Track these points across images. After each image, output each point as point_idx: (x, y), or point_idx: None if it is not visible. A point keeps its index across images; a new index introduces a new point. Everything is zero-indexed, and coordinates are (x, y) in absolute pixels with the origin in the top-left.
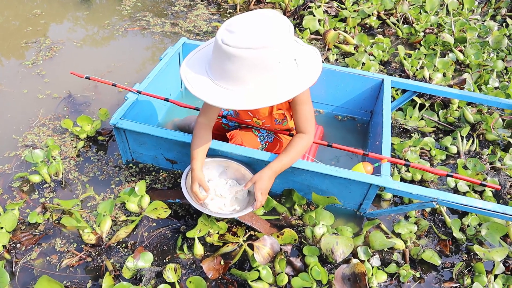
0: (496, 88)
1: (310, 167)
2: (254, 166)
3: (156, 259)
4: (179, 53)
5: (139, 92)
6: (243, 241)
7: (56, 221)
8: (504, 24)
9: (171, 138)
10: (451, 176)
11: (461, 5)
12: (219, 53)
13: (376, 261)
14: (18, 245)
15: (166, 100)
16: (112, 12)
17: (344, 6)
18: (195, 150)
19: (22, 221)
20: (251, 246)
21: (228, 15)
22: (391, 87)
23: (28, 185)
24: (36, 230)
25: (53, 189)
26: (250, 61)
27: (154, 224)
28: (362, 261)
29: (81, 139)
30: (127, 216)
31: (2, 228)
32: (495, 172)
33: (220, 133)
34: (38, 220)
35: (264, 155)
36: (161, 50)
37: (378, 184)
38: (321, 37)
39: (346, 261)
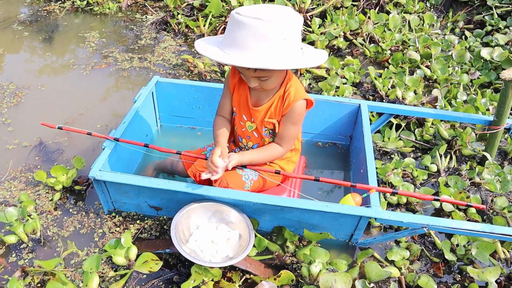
0: (465, 101)
1: (299, 204)
2: (242, 207)
3: None
4: (152, 93)
5: (117, 140)
6: (239, 286)
7: (39, 285)
8: (463, 36)
9: (155, 187)
10: (438, 200)
11: (422, 21)
12: (230, 23)
13: None
14: None
15: (146, 146)
16: (77, 50)
17: (310, 29)
18: (216, 137)
19: None
20: None
21: None
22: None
23: (4, 247)
24: None
25: (31, 248)
26: (256, 30)
27: (145, 276)
28: None
29: (57, 191)
30: (115, 271)
31: None
32: (476, 188)
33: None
34: (18, 287)
35: (253, 197)
36: (132, 87)
37: (369, 216)
38: None
39: None
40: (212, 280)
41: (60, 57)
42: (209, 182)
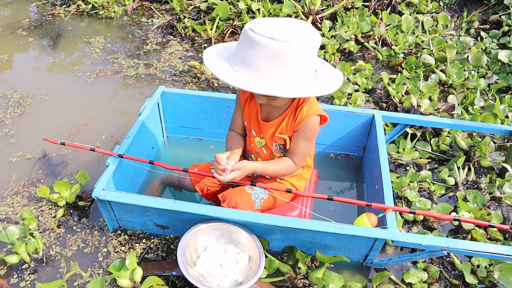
0: (482, 108)
1: (312, 226)
2: (252, 227)
3: None
4: (158, 104)
5: (121, 157)
6: None
7: None
8: (479, 37)
9: (161, 207)
10: (459, 220)
11: (436, 22)
12: (242, 39)
13: None
14: None
15: (151, 163)
16: (81, 56)
17: (321, 32)
18: (228, 150)
19: None
20: None
21: (203, 50)
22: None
23: (5, 267)
24: None
25: (33, 269)
26: (269, 51)
27: None
28: None
29: (60, 207)
30: None
31: None
32: (496, 204)
33: (213, 190)
34: None
35: (263, 218)
36: (137, 95)
37: (385, 238)
38: None
39: None
40: None
41: (65, 64)
42: (217, 198)
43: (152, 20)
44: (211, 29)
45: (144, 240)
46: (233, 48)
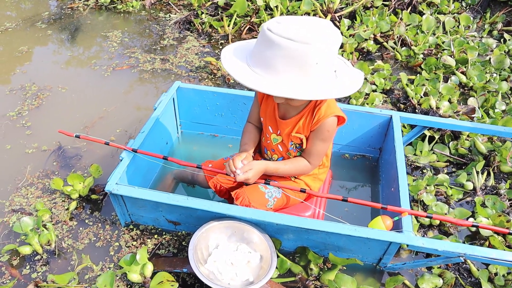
0: (503, 111)
1: (326, 227)
2: (264, 226)
3: None
4: (173, 99)
5: (135, 151)
6: None
7: None
8: (502, 39)
9: (174, 203)
10: (477, 226)
11: (457, 23)
12: (261, 39)
13: None
14: None
15: (165, 158)
16: (99, 50)
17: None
18: (243, 145)
19: None
20: None
21: (220, 47)
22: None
23: (18, 258)
24: None
25: (45, 261)
26: (287, 52)
27: None
28: None
29: (73, 199)
30: None
31: None
32: None
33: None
34: None
35: (276, 217)
36: (153, 90)
37: (400, 242)
38: None
39: None
40: None
41: (82, 57)
42: (230, 195)
43: (169, 15)
44: (228, 26)
45: (155, 236)
46: (251, 47)
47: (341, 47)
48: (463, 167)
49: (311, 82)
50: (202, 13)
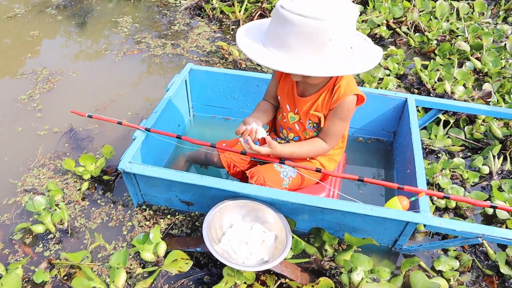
0: None
1: (342, 206)
2: (279, 206)
3: None
4: (186, 81)
5: (148, 130)
6: None
7: (65, 277)
8: None
9: (188, 182)
10: (495, 207)
11: (472, 9)
12: (274, 17)
13: None
14: None
15: (179, 137)
16: (109, 35)
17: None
18: (254, 112)
19: (27, 279)
20: None
21: (232, 32)
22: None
23: (31, 236)
24: None
25: (58, 239)
26: (300, 28)
27: (174, 274)
28: None
29: (85, 180)
30: (143, 268)
31: None
32: None
33: (240, 167)
34: (44, 279)
35: (292, 196)
36: (164, 74)
37: (417, 222)
38: None
39: None
40: (245, 283)
41: (93, 42)
42: (243, 175)
43: (180, 1)
44: (239, 11)
45: (168, 216)
46: (266, 27)
47: None
48: (478, 152)
49: (326, 59)
50: None
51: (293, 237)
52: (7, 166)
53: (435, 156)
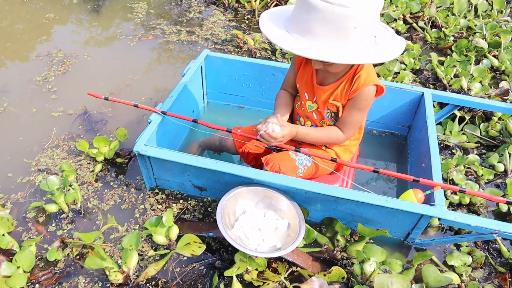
0: None
1: (356, 197)
2: (293, 194)
3: None
4: (201, 67)
5: (164, 114)
6: (285, 278)
7: (77, 257)
8: None
9: (203, 166)
10: (511, 203)
11: (490, 6)
12: (298, 3)
13: None
14: (37, 285)
15: (195, 121)
16: (124, 20)
17: None
18: (276, 109)
19: (40, 257)
20: None
21: (246, 21)
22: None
23: (44, 215)
24: (55, 268)
25: (71, 219)
26: (324, 14)
27: (185, 258)
28: None
29: (98, 162)
30: (155, 250)
31: (18, 267)
32: None
33: (255, 153)
34: (57, 257)
35: (306, 185)
36: (178, 60)
37: (432, 215)
38: None
39: None
40: (256, 269)
41: (108, 27)
42: (256, 162)
43: None
44: (255, 1)
45: (181, 201)
46: (289, 13)
47: None
48: (494, 150)
49: (350, 47)
50: None
51: (305, 226)
52: (22, 146)
53: (450, 152)
